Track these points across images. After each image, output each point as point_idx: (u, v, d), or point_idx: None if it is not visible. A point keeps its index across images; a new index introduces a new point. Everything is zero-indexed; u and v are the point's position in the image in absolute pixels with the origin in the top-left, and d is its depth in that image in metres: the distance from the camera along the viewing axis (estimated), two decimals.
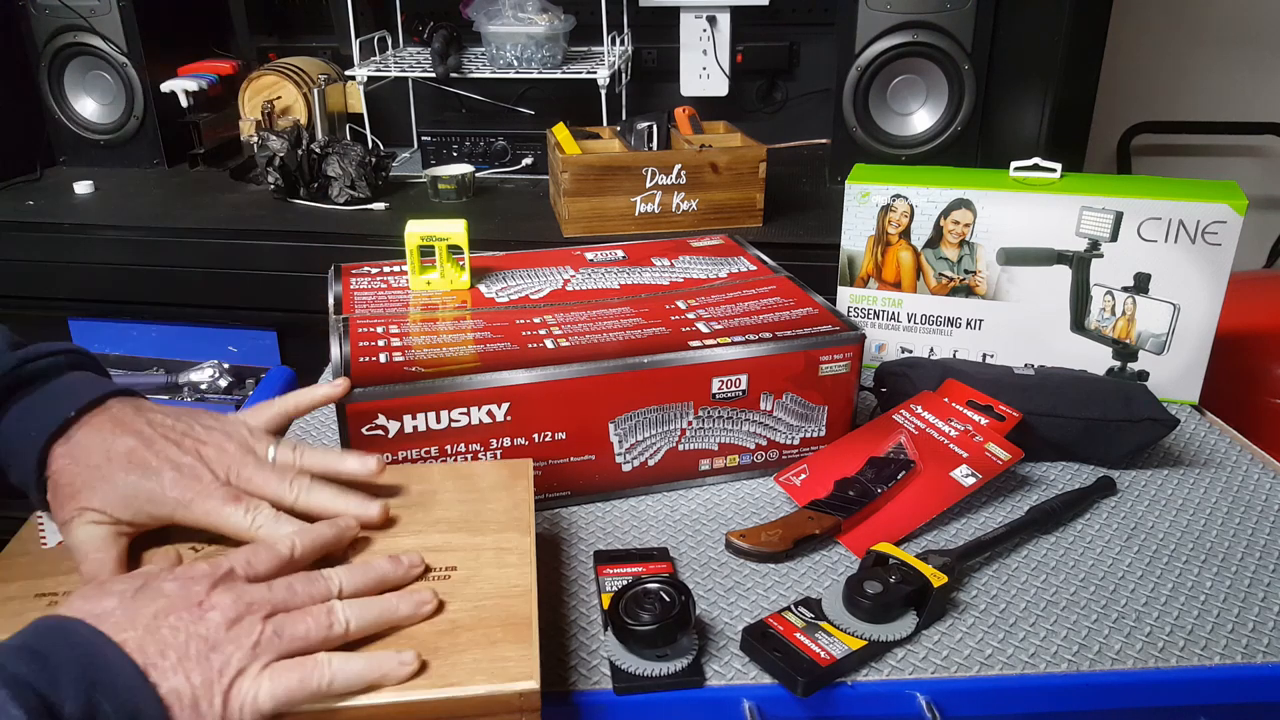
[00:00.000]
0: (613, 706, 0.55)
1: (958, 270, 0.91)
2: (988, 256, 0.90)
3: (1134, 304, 0.87)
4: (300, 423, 0.88)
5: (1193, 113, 1.99)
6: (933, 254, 0.91)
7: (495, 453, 0.70)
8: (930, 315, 0.93)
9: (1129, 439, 0.78)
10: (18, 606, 0.51)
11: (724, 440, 0.75)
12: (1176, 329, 0.87)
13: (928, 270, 0.92)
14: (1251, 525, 0.73)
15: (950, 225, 0.90)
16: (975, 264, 0.90)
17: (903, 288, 0.93)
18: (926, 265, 0.91)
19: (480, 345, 0.72)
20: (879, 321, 0.95)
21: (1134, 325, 0.88)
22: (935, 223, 0.90)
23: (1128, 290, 0.87)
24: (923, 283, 0.92)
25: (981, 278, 0.91)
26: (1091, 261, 0.87)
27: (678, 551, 0.69)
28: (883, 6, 1.41)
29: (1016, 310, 0.91)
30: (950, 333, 0.93)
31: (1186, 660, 0.59)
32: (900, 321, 0.95)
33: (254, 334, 1.42)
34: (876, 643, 0.58)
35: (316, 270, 0.90)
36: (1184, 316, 0.86)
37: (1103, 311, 0.88)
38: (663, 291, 0.83)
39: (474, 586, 0.53)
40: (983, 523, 0.73)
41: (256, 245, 1.35)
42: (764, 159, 1.30)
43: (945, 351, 0.94)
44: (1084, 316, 0.89)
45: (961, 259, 0.90)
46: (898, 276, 0.93)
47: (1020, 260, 0.89)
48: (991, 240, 0.89)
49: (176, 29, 1.73)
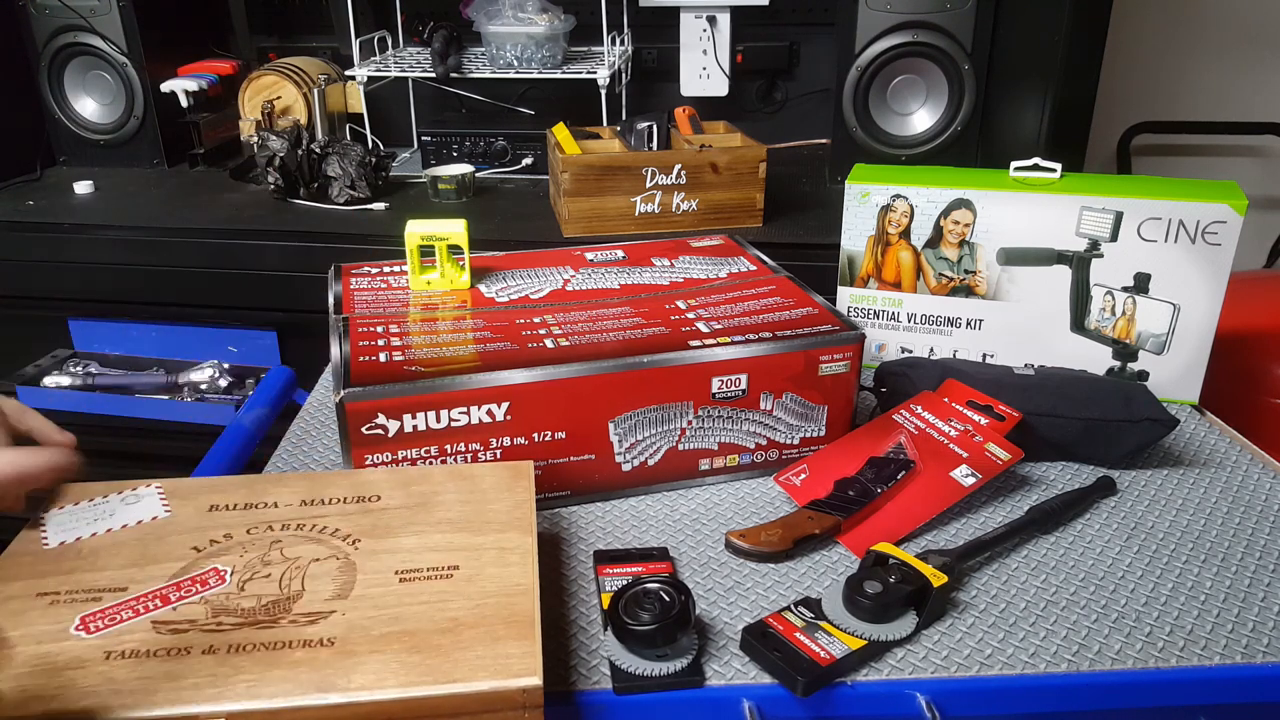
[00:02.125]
0: (613, 706, 0.55)
1: (958, 270, 0.91)
2: (988, 256, 0.90)
3: (1134, 304, 0.87)
4: (300, 422, 0.88)
5: (1193, 113, 1.99)
6: (933, 254, 0.91)
7: (495, 452, 0.70)
8: (930, 315, 0.93)
9: (1129, 439, 0.78)
10: (19, 606, 0.51)
11: (724, 440, 0.75)
12: (1176, 329, 0.87)
13: (928, 270, 0.92)
14: (1251, 525, 0.73)
15: (950, 225, 0.89)
16: (975, 264, 0.90)
17: (903, 288, 0.93)
18: (926, 265, 0.91)
19: (480, 345, 0.72)
20: (879, 321, 0.95)
21: (1134, 325, 0.88)
22: (935, 223, 0.90)
23: (1128, 290, 0.87)
24: (923, 283, 0.92)
25: (981, 278, 0.90)
26: (1091, 261, 0.87)
27: (678, 551, 0.69)
28: (883, 6, 1.41)
29: (1016, 310, 0.91)
30: (950, 333, 0.93)
31: (1186, 660, 0.59)
32: (900, 321, 0.94)
33: (254, 334, 1.42)
34: (876, 642, 0.58)
35: (316, 270, 0.90)
36: (1184, 316, 0.86)
37: (1103, 311, 0.88)
38: (663, 291, 0.83)
39: (476, 585, 0.53)
40: (983, 523, 0.73)
41: (256, 245, 1.35)
42: (764, 159, 1.30)
43: (945, 351, 0.94)
44: (1084, 316, 0.89)
45: (961, 259, 0.90)
46: (898, 276, 0.93)
47: (1020, 260, 0.89)
48: (991, 240, 0.89)
49: (176, 29, 1.73)
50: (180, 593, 0.52)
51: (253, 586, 0.52)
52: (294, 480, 0.63)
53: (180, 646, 0.48)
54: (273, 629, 0.49)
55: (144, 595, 0.51)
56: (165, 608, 0.51)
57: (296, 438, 0.85)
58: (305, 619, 0.50)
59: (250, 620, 0.50)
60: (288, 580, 0.53)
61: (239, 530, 0.57)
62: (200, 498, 0.60)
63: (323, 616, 0.50)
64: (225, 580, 0.53)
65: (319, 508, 0.59)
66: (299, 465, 0.81)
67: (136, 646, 0.48)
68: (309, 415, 0.89)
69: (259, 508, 0.59)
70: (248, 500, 0.60)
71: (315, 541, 0.56)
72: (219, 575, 0.53)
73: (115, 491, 0.60)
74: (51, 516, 0.58)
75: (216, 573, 0.53)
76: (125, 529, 0.57)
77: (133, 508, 0.59)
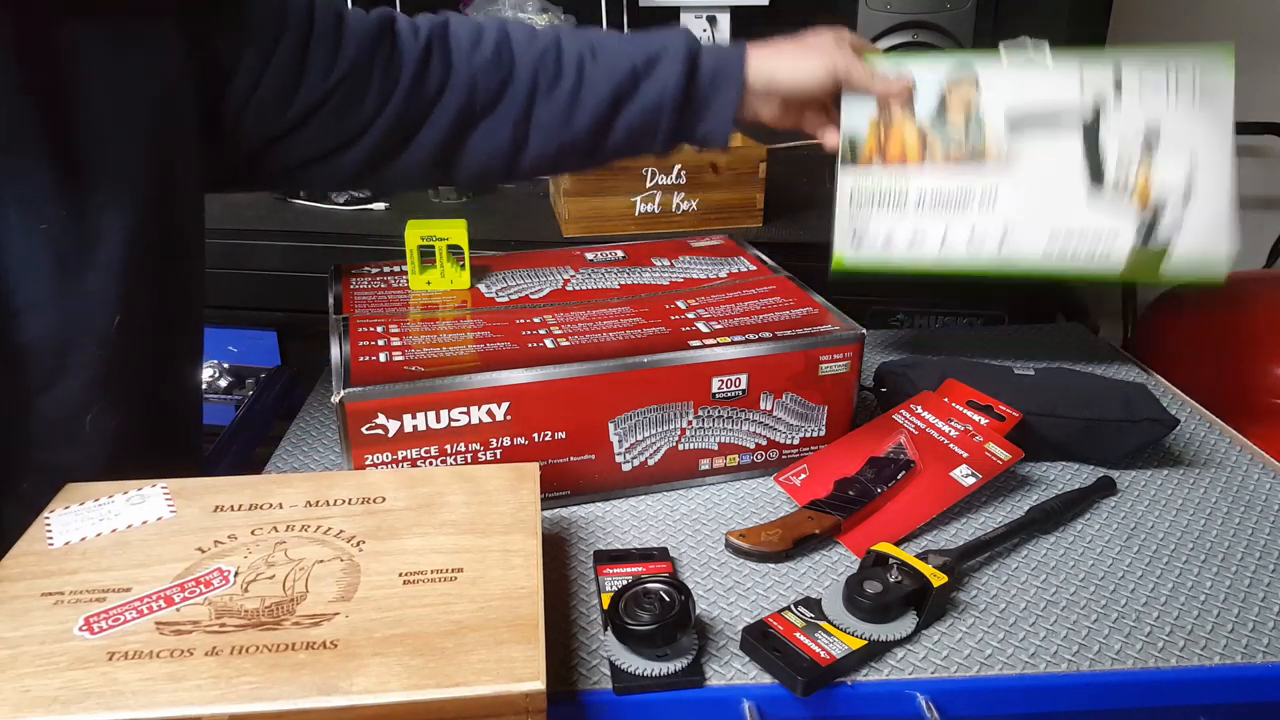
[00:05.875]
0: (613, 706, 0.56)
1: (966, 141, 0.85)
2: (995, 127, 0.84)
3: (1149, 161, 0.82)
4: (300, 423, 0.88)
5: None
6: (938, 126, 0.85)
7: (495, 452, 0.70)
8: (941, 193, 0.85)
9: (1129, 439, 0.78)
10: (23, 605, 0.51)
11: (724, 440, 0.75)
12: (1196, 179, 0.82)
13: (935, 145, 0.85)
14: (1251, 525, 0.73)
15: (954, 96, 0.85)
16: (983, 136, 0.84)
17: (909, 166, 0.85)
18: (934, 139, 0.85)
19: (480, 345, 0.72)
20: (884, 210, 0.86)
21: (1151, 183, 0.82)
22: (939, 94, 0.85)
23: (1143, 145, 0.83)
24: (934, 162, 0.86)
25: (990, 147, 0.84)
26: (1101, 119, 0.83)
27: (678, 551, 0.69)
28: (883, 6, 1.41)
29: (1030, 182, 0.84)
30: (961, 214, 0.86)
31: (1186, 660, 0.59)
32: (908, 206, 0.86)
33: (254, 334, 1.42)
34: (876, 642, 0.58)
35: (316, 270, 0.90)
36: (1199, 167, 0.82)
37: (1121, 171, 0.83)
38: (663, 291, 0.83)
39: (480, 588, 0.53)
40: (983, 523, 0.73)
41: (256, 245, 1.35)
42: (764, 159, 1.30)
43: (960, 237, 0.86)
44: (1100, 179, 0.83)
45: (969, 129, 0.84)
46: (903, 155, 0.85)
47: (1029, 124, 0.84)
48: (996, 112, 0.84)
49: None
50: (184, 594, 0.52)
51: (256, 588, 0.52)
52: (299, 481, 0.63)
53: (183, 648, 0.48)
54: (276, 631, 0.49)
55: (148, 596, 0.51)
56: (169, 609, 0.51)
57: (296, 438, 0.86)
58: (309, 621, 0.50)
59: (253, 622, 0.50)
60: (291, 582, 0.53)
61: (243, 531, 0.57)
62: (205, 498, 0.60)
63: (326, 618, 0.50)
64: (229, 581, 0.53)
65: (323, 509, 0.59)
66: (299, 465, 0.81)
67: (140, 648, 0.48)
68: (309, 415, 0.90)
69: (264, 508, 0.59)
70: (253, 501, 0.60)
71: (319, 543, 0.56)
72: (223, 576, 0.53)
73: (121, 491, 0.60)
74: (57, 516, 0.58)
75: (220, 574, 0.53)
76: (130, 529, 0.57)
77: (138, 508, 0.59)
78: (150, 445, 0.67)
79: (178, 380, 0.71)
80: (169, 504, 0.60)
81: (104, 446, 0.63)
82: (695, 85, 0.78)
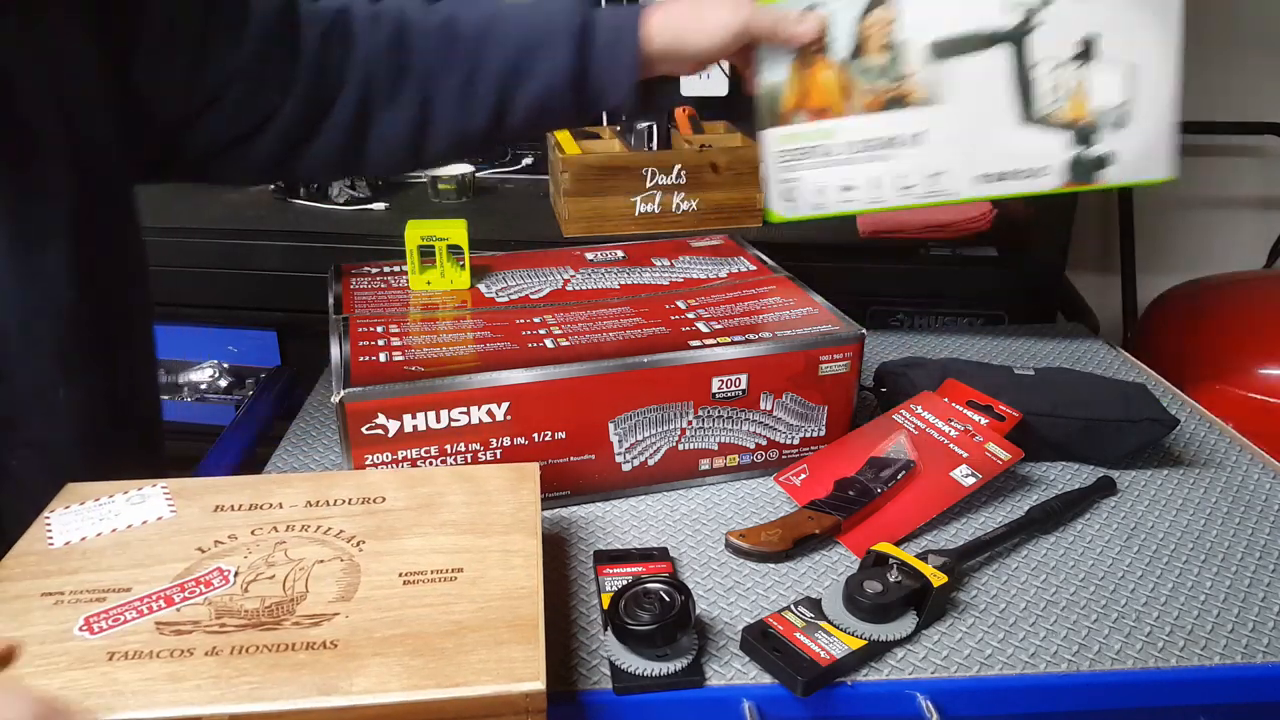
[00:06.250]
0: (613, 706, 0.56)
1: (889, 77, 0.79)
2: (917, 56, 0.78)
3: (1084, 77, 0.77)
4: (300, 423, 0.88)
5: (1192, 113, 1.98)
6: (858, 66, 0.79)
7: (495, 452, 0.70)
8: (866, 140, 0.81)
9: (1129, 439, 0.78)
10: (23, 605, 0.51)
11: (724, 440, 0.75)
12: (1136, 96, 0.77)
13: (856, 85, 0.80)
14: (1251, 525, 0.73)
15: (871, 29, 0.79)
16: (906, 69, 0.79)
17: (832, 113, 0.81)
18: (854, 79, 0.80)
19: (480, 345, 0.72)
20: (812, 161, 0.83)
21: (1087, 101, 0.78)
22: (855, 30, 0.79)
23: (1077, 60, 0.77)
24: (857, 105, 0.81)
25: (915, 82, 0.79)
26: (1029, 37, 0.77)
27: (678, 551, 0.69)
28: None
29: (959, 114, 0.79)
30: (891, 156, 0.81)
31: (1186, 660, 0.59)
32: (835, 155, 0.82)
33: (254, 334, 1.42)
34: (876, 642, 0.58)
35: (316, 270, 0.90)
36: (1141, 80, 0.77)
37: (1053, 91, 0.78)
38: (663, 291, 0.83)
39: (480, 588, 0.53)
40: (983, 523, 0.73)
41: (256, 245, 1.34)
42: None
43: (891, 181, 0.82)
44: (1031, 102, 0.78)
45: (891, 64, 0.79)
46: (825, 101, 0.81)
47: (954, 50, 0.78)
48: (918, 40, 0.78)
49: None
50: (184, 594, 0.52)
51: (256, 588, 0.52)
52: (299, 481, 0.63)
53: (183, 648, 0.48)
54: (276, 631, 0.49)
55: (148, 596, 0.51)
56: (169, 609, 0.51)
57: (296, 438, 0.86)
58: (309, 621, 0.50)
59: (254, 622, 0.50)
60: (291, 582, 0.53)
61: (243, 531, 0.57)
62: (205, 498, 0.60)
63: (326, 618, 0.50)
64: (229, 581, 0.53)
65: (324, 509, 0.59)
66: (299, 465, 0.81)
67: (140, 648, 0.48)
68: (309, 415, 0.90)
69: (264, 508, 0.59)
70: (253, 501, 0.60)
71: (319, 543, 0.56)
72: (223, 576, 0.53)
73: (121, 491, 0.60)
74: (57, 516, 0.58)
75: (220, 573, 0.54)
76: (130, 529, 0.57)
77: (138, 508, 0.59)
78: (120, 423, 0.70)
79: (140, 353, 0.75)
80: (169, 504, 0.60)
81: (80, 422, 0.65)
82: (588, 62, 0.75)
